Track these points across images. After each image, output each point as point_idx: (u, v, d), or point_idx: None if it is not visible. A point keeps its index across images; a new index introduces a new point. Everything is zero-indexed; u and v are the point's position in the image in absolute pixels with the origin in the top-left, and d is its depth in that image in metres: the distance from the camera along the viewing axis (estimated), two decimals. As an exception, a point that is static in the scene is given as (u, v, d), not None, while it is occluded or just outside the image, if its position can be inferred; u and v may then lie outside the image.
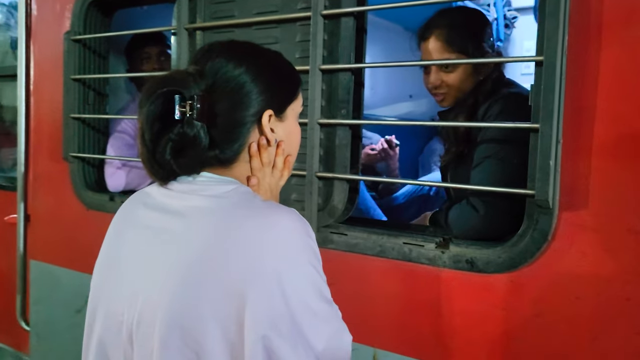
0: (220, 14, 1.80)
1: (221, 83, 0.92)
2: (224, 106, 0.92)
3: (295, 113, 1.04)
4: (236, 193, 0.93)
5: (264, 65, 0.97)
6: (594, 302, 1.22)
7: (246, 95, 0.93)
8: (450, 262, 1.39)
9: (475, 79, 1.62)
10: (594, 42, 1.22)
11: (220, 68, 0.93)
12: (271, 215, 0.89)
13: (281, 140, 1.01)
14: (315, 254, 0.91)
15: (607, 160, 1.21)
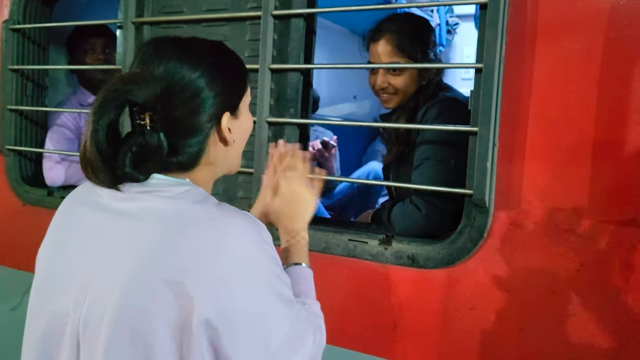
0: (169, 9, 1.79)
1: (178, 89, 0.90)
2: (183, 113, 0.90)
3: (246, 106, 1.04)
4: (190, 195, 0.91)
5: (217, 66, 0.95)
6: (523, 295, 1.31)
7: (204, 101, 0.91)
8: (392, 258, 1.45)
9: (419, 83, 1.69)
10: (529, 51, 1.30)
11: (174, 73, 0.90)
12: (224, 219, 0.88)
13: (236, 139, 1.00)
14: (270, 257, 0.91)
15: (538, 163, 1.30)
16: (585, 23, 1.25)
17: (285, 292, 0.93)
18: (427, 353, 1.42)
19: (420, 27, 1.72)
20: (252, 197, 1.60)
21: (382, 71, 1.69)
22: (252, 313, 0.86)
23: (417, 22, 1.73)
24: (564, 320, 1.27)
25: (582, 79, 1.25)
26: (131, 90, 0.86)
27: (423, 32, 1.71)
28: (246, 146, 1.63)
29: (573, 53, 1.26)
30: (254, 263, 0.88)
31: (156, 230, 0.87)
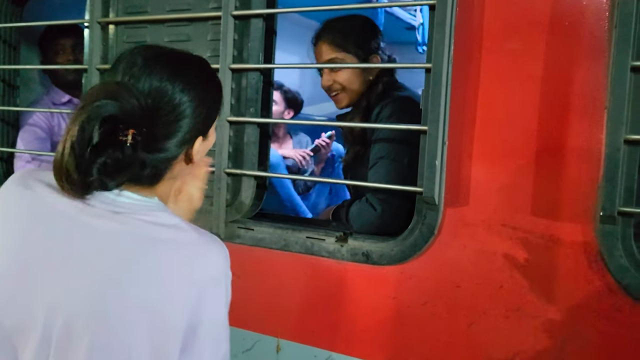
0: (134, 9, 1.81)
1: (164, 110, 0.90)
2: (163, 133, 0.90)
3: (214, 130, 1.03)
4: (163, 218, 0.93)
5: (206, 92, 0.96)
6: (472, 290, 1.34)
7: (185, 126, 0.92)
8: (348, 255, 1.47)
9: (364, 78, 1.74)
10: (476, 51, 1.33)
11: (164, 93, 0.89)
12: (201, 247, 0.93)
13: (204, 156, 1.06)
14: (229, 282, 0.96)
15: (486, 161, 1.33)
16: (529, 24, 1.28)
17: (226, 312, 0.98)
18: (382, 347, 1.44)
19: (356, 26, 1.76)
20: (214, 195, 1.62)
21: (326, 70, 1.74)
22: (214, 333, 0.93)
23: (354, 22, 1.77)
24: (509, 315, 1.30)
25: (526, 79, 1.28)
26: (115, 105, 0.84)
27: (359, 30, 1.76)
28: (207, 145, 1.67)
29: (518, 53, 1.29)
30: (221, 291, 0.93)
31: (132, 252, 0.88)
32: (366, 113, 1.69)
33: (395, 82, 1.77)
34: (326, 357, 1.52)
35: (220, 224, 1.61)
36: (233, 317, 1.62)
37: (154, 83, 0.89)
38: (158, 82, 0.89)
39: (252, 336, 1.62)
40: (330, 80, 1.76)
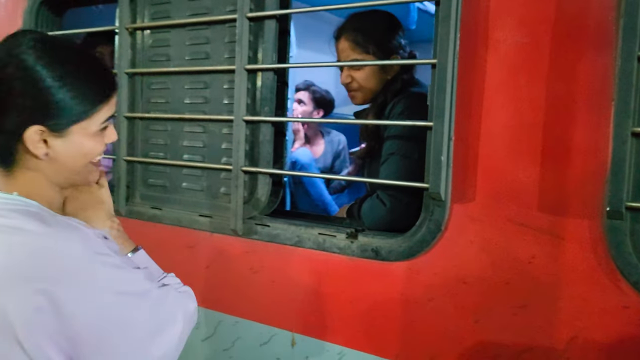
0: (159, 14, 1.88)
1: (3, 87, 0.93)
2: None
3: (88, 131, 0.99)
4: (19, 209, 0.95)
5: (47, 74, 0.93)
6: (478, 286, 1.33)
7: (13, 105, 0.93)
8: (358, 251, 1.49)
9: (382, 77, 1.74)
10: (482, 46, 1.32)
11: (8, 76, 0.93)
12: (51, 237, 0.91)
13: (61, 155, 0.98)
14: (103, 263, 0.93)
15: (493, 156, 1.31)
16: (535, 16, 1.26)
17: (133, 289, 0.97)
18: (391, 343, 1.45)
19: (376, 23, 1.75)
20: (231, 192, 1.67)
21: (345, 67, 1.75)
22: (99, 325, 0.91)
23: (374, 18, 1.77)
24: (516, 312, 1.28)
25: (532, 72, 1.26)
26: None
27: (380, 26, 1.75)
28: (225, 144, 1.73)
29: (524, 46, 1.27)
30: (86, 274, 0.91)
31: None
32: (381, 109, 1.70)
33: (412, 79, 1.77)
34: (338, 351, 1.54)
35: (237, 221, 1.65)
36: (251, 311, 1.68)
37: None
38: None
39: (268, 330, 1.66)
40: (348, 78, 1.78)
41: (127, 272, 0.98)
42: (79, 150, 0.99)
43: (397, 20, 1.79)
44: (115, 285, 0.94)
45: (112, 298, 0.93)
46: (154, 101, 1.91)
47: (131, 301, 0.96)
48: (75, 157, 0.99)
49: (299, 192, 2.86)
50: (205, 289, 1.79)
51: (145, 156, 1.94)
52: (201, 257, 1.80)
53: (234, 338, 1.73)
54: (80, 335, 0.88)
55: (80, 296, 0.89)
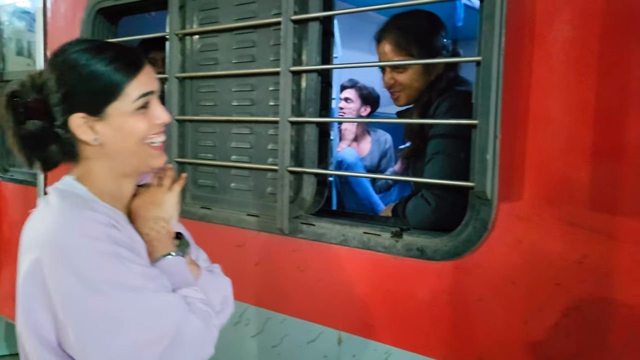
0: (207, 20, 1.93)
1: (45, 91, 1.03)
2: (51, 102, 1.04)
3: (124, 111, 1.03)
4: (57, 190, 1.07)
5: (67, 71, 1.02)
6: (527, 287, 1.30)
7: (54, 102, 1.02)
8: (403, 250, 1.49)
9: (425, 78, 1.72)
10: (528, 42, 1.29)
11: (44, 72, 1.04)
12: (55, 213, 1.01)
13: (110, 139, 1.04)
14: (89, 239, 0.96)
15: (540, 154, 1.29)
16: (582, 10, 1.22)
17: (113, 279, 0.96)
18: (437, 343, 1.44)
19: (419, 24, 1.73)
20: (277, 192, 1.69)
21: (388, 69, 1.74)
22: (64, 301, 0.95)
23: (417, 19, 1.75)
24: (568, 313, 1.25)
25: (581, 68, 1.23)
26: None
27: (424, 28, 1.72)
28: (271, 144, 1.76)
29: (572, 41, 1.24)
30: (66, 251, 0.95)
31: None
32: (425, 109, 1.68)
33: (457, 77, 1.74)
34: (385, 351, 1.54)
35: (284, 220, 1.68)
36: (298, 309, 1.70)
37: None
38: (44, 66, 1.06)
39: (315, 328, 1.68)
40: (391, 80, 1.76)
41: (115, 261, 0.96)
42: (122, 131, 1.04)
43: (439, 20, 1.77)
44: (91, 270, 0.94)
45: (80, 280, 0.94)
46: (203, 104, 1.96)
47: (105, 289, 0.94)
48: (122, 138, 1.04)
49: (345, 192, 2.87)
50: (254, 287, 1.82)
51: (195, 157, 1.99)
52: (250, 255, 1.84)
53: (282, 335, 1.76)
54: (56, 305, 0.95)
55: (56, 269, 0.94)
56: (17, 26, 3.16)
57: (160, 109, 1.08)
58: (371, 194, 2.88)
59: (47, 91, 1.02)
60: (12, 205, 3.07)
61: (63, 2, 2.56)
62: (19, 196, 2.99)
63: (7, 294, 3.07)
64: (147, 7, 2.30)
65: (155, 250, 1.11)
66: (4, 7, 3.11)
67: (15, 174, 3.07)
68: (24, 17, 3.14)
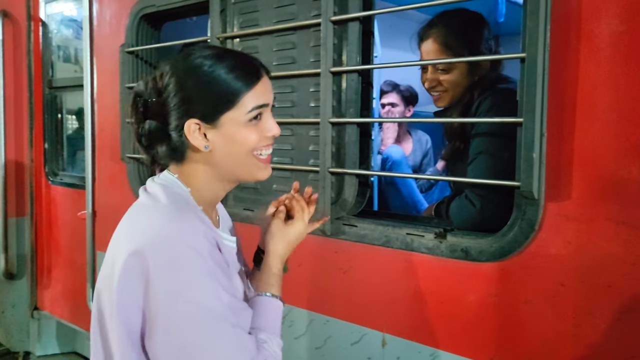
0: (247, 23, 1.95)
1: (163, 90, 1.05)
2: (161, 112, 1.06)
3: (238, 121, 1.04)
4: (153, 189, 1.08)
5: (188, 76, 1.03)
6: (577, 289, 1.26)
7: (172, 106, 1.04)
8: (447, 252, 1.47)
9: (470, 80, 1.67)
10: (575, 37, 1.25)
11: (162, 77, 1.06)
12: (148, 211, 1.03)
13: (220, 147, 1.05)
14: (191, 252, 0.95)
15: (589, 152, 1.25)
16: (630, 3, 1.18)
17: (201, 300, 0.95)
18: (484, 346, 1.42)
19: (469, 23, 1.70)
20: (319, 193, 1.70)
21: (431, 69, 1.70)
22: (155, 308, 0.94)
23: (467, 18, 1.71)
24: (621, 316, 1.21)
25: (630, 63, 1.18)
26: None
27: (472, 28, 1.69)
28: (313, 146, 1.76)
29: (620, 35, 1.19)
30: (170, 257, 0.95)
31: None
32: (466, 108, 1.65)
33: (499, 76, 1.70)
34: (430, 353, 1.52)
35: (326, 221, 1.68)
36: (341, 310, 1.70)
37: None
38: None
39: (359, 329, 1.67)
40: (434, 81, 1.73)
41: (211, 283, 0.96)
42: (233, 140, 1.05)
43: (483, 18, 1.74)
44: (187, 285, 0.94)
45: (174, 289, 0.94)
46: (244, 107, 1.98)
47: (191, 306, 0.94)
48: (231, 147, 1.05)
49: (389, 190, 2.85)
50: (298, 288, 1.83)
51: (238, 160, 2.02)
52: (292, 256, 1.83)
53: (326, 337, 1.76)
54: (149, 305, 0.94)
55: (159, 271, 0.94)
56: (64, 34, 3.27)
57: (272, 122, 1.09)
58: (415, 193, 2.85)
59: (167, 94, 1.04)
60: (61, 209, 3.18)
61: (108, 9, 2.63)
62: (68, 199, 3.10)
63: (58, 295, 3.19)
64: (189, 12, 2.35)
65: (262, 283, 1.14)
66: (53, 15, 3.22)
67: (65, 177, 3.19)
68: (71, 25, 3.25)
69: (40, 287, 3.30)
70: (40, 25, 3.22)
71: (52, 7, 3.18)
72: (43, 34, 3.21)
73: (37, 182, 3.27)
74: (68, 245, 3.12)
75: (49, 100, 3.22)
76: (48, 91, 3.21)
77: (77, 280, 3.00)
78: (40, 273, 3.30)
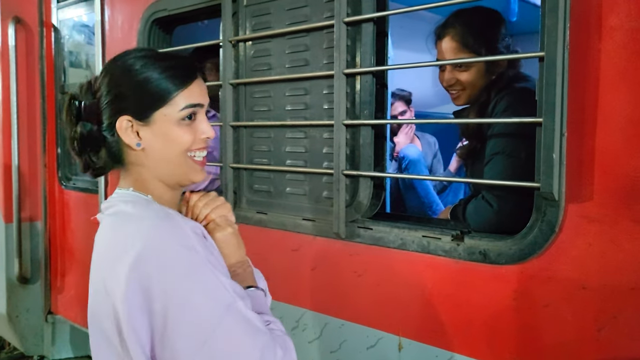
0: (260, 26, 1.94)
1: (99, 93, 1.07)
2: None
3: (170, 118, 1.04)
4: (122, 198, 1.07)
5: (121, 75, 1.05)
6: (600, 292, 1.24)
7: (104, 104, 1.05)
8: (465, 254, 1.44)
9: (487, 78, 1.65)
10: (595, 35, 1.23)
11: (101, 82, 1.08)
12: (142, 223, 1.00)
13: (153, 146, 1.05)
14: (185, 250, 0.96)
15: (611, 152, 1.22)
16: (654, -2, 1.15)
17: (208, 291, 0.95)
18: (503, 351, 1.39)
19: (486, 21, 1.67)
20: (333, 196, 1.68)
21: (449, 67, 1.68)
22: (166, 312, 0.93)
23: (484, 16, 1.69)
24: (645, 320, 1.18)
25: (654, 59, 1.16)
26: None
27: (489, 26, 1.67)
28: (326, 148, 1.75)
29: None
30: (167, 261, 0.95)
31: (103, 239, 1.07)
32: (483, 107, 1.63)
33: (517, 74, 1.68)
34: (447, 357, 1.50)
35: (340, 224, 1.67)
36: (356, 314, 1.68)
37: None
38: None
39: (374, 333, 1.65)
40: (452, 80, 1.71)
41: (210, 274, 0.96)
42: (166, 139, 1.04)
43: (501, 17, 1.71)
44: (189, 286, 0.94)
45: (183, 291, 0.94)
46: (257, 109, 1.97)
47: (200, 301, 0.94)
48: (165, 146, 1.05)
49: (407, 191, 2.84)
50: (311, 291, 1.82)
51: (250, 163, 2.01)
52: (306, 260, 1.83)
53: (340, 341, 1.74)
54: (155, 315, 0.93)
55: (160, 279, 0.93)
56: (76, 39, 3.28)
57: (206, 124, 1.08)
58: (431, 193, 2.83)
59: (100, 93, 1.05)
60: (74, 213, 3.19)
61: (120, 14, 2.64)
62: (81, 204, 3.10)
63: (71, 299, 3.19)
64: (200, 16, 2.34)
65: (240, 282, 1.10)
66: (64, 21, 3.23)
67: (78, 182, 3.19)
68: (83, 30, 3.26)
69: (54, 292, 3.32)
70: (52, 30, 3.23)
71: (64, 13, 3.19)
72: (55, 40, 3.23)
73: (50, 187, 3.28)
74: (82, 249, 3.12)
75: (62, 105, 3.23)
76: (61, 96, 3.23)
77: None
78: (54, 277, 3.31)
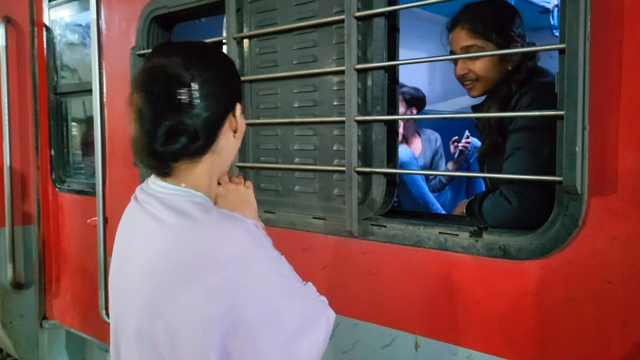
0: (265, 22, 1.91)
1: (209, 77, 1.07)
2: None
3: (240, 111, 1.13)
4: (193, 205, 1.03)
5: (222, 65, 1.11)
6: (624, 286, 1.22)
7: (220, 90, 1.08)
8: (484, 250, 1.43)
9: (502, 67, 1.64)
10: (617, 26, 1.22)
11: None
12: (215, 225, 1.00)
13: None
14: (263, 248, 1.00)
15: (634, 144, 1.21)
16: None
17: (290, 283, 1.03)
18: (525, 347, 1.37)
19: (496, 11, 1.66)
20: (345, 194, 1.65)
21: (460, 59, 1.67)
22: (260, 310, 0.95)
23: (493, 7, 1.68)
24: (672, 313, 1.17)
25: (679, 50, 1.15)
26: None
27: (500, 15, 1.65)
28: (337, 145, 1.72)
29: (668, 23, 1.16)
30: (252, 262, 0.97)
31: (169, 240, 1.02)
32: (504, 102, 1.61)
33: (537, 67, 1.66)
34: (466, 355, 1.48)
35: (353, 222, 1.64)
36: (370, 313, 1.66)
37: None
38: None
39: (390, 332, 1.63)
40: (465, 69, 1.69)
41: (284, 265, 1.04)
42: (241, 127, 1.11)
43: (514, 8, 1.70)
44: (276, 277, 0.99)
45: (273, 289, 0.98)
46: (263, 107, 1.94)
47: (290, 294, 1.00)
48: (238, 138, 1.11)
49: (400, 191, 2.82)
50: (323, 291, 1.77)
51: (257, 161, 1.97)
52: (316, 259, 1.80)
53: (354, 340, 1.71)
54: (241, 321, 0.92)
55: (247, 282, 0.94)
56: (69, 39, 3.22)
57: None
58: (426, 193, 2.82)
59: (211, 77, 1.02)
60: (69, 216, 3.13)
61: (117, 12, 2.59)
62: (77, 207, 3.04)
63: (67, 304, 3.13)
64: (202, 13, 2.30)
65: None
66: (57, 21, 3.17)
67: (73, 184, 3.13)
68: (76, 29, 3.20)
69: (49, 297, 3.24)
70: (44, 30, 3.17)
71: (56, 12, 3.13)
72: (47, 40, 3.16)
73: (44, 190, 3.21)
74: (77, 253, 3.06)
75: (55, 106, 3.17)
76: (53, 97, 3.16)
77: (87, 289, 2.94)
78: (48, 282, 3.24)
